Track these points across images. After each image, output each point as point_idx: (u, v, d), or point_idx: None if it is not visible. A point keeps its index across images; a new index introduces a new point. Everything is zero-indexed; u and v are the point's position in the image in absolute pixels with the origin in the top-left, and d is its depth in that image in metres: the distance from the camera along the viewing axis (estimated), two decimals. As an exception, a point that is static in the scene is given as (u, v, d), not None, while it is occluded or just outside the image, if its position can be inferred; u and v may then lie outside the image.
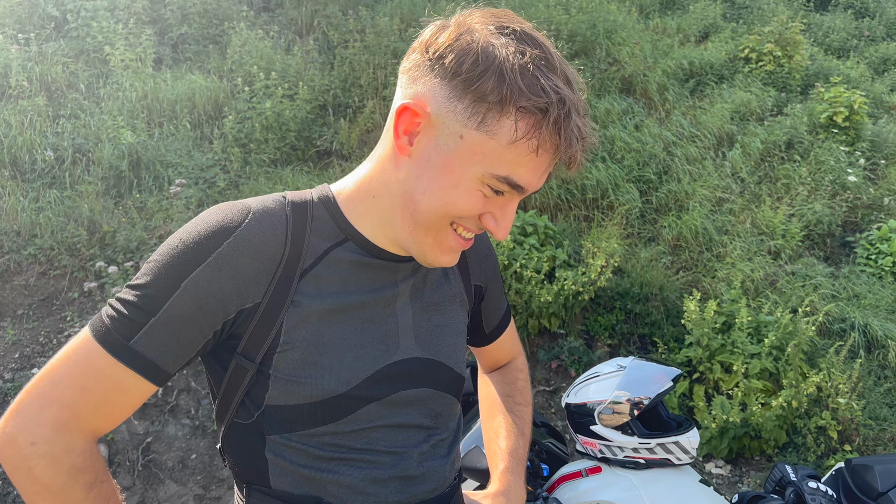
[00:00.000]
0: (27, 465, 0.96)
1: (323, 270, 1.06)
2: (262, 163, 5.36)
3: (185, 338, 1.00)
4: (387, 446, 1.10)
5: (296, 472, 1.07)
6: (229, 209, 1.04)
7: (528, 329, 4.48)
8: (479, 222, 1.03)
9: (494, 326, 1.41)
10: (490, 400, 1.46)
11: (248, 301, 1.02)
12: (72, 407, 0.98)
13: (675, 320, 4.62)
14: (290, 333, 1.03)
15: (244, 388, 1.06)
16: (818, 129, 6.17)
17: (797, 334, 4.17)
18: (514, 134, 0.94)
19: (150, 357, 0.99)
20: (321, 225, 1.08)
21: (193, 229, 1.02)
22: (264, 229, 1.03)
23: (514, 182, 0.98)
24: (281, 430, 1.06)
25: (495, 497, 1.28)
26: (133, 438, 3.77)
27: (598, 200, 5.36)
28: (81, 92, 5.79)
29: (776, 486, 2.21)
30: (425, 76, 0.99)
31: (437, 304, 1.18)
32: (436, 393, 1.16)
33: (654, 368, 2.09)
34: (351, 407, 1.06)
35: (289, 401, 1.04)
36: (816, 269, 5.06)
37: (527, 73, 0.93)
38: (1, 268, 4.37)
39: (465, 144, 0.96)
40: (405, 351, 1.12)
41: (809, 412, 4.08)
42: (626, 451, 2.02)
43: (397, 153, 1.03)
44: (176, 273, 0.99)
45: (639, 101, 6.39)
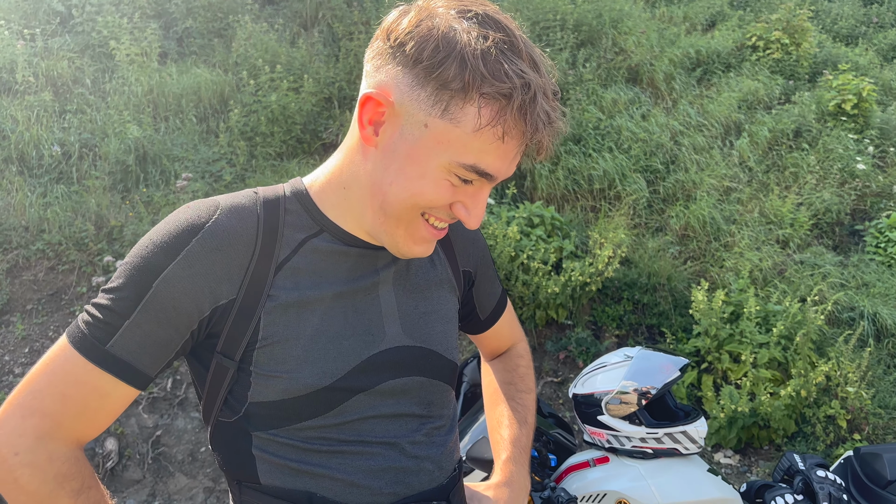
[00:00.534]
0: (13, 475, 0.96)
1: (299, 262, 1.04)
2: (268, 156, 5.36)
3: (162, 339, 0.99)
4: (378, 437, 1.08)
5: (284, 466, 1.05)
6: (197, 206, 1.03)
7: (536, 320, 4.48)
8: (450, 212, 1.02)
9: (489, 313, 1.38)
10: (492, 389, 1.44)
11: (221, 297, 1.00)
12: (53, 415, 0.98)
13: (683, 310, 4.61)
14: (269, 328, 1.01)
15: (227, 386, 1.04)
16: (826, 116, 6.13)
17: (806, 323, 4.15)
18: (478, 121, 0.92)
19: (128, 360, 0.98)
20: (295, 218, 1.06)
21: (163, 229, 1.01)
22: (234, 224, 1.01)
23: (482, 170, 0.96)
24: (266, 426, 1.04)
25: (498, 488, 1.27)
26: (143, 432, 3.79)
27: (605, 191, 5.34)
28: (87, 87, 5.80)
29: (784, 474, 2.21)
30: (388, 64, 0.97)
31: (423, 290, 1.16)
32: (427, 381, 1.13)
33: (661, 358, 2.08)
34: (337, 399, 1.04)
35: (271, 397, 1.02)
36: (825, 257, 5.04)
37: (489, 58, 0.91)
38: (10, 263, 4.39)
39: (430, 133, 0.95)
40: (392, 339, 1.10)
41: (818, 401, 4.06)
42: (633, 440, 2.01)
43: (364, 144, 1.01)
44: (147, 274, 0.98)
45: (645, 90, 6.36)
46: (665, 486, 1.97)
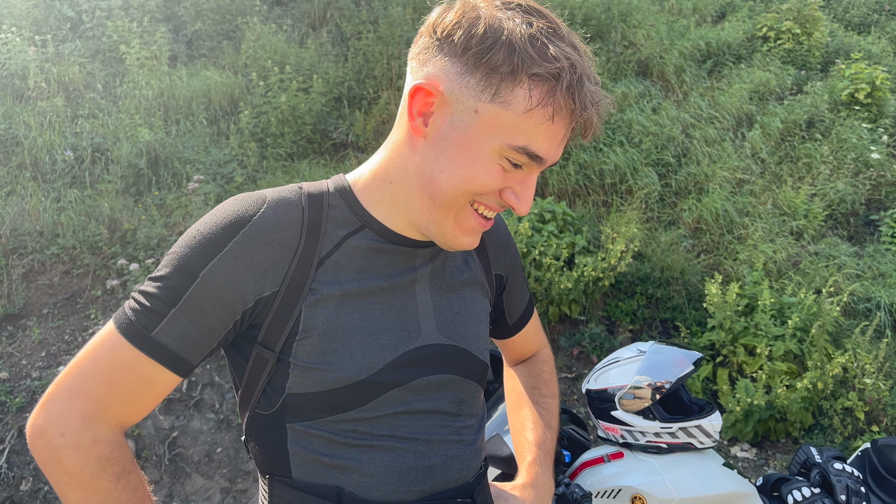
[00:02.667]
0: (57, 456, 0.98)
1: (340, 257, 1.06)
2: (279, 157, 5.38)
3: (206, 328, 1.01)
4: (409, 433, 1.09)
5: (317, 460, 1.07)
6: (245, 199, 1.05)
7: (549, 316, 4.47)
8: (500, 199, 1.03)
9: (518, 318, 1.40)
10: (516, 393, 1.45)
11: (265, 289, 1.02)
12: (99, 398, 1.00)
13: (697, 304, 4.59)
14: (309, 321, 1.03)
15: (265, 377, 1.06)
16: (839, 106, 6.08)
17: (821, 315, 4.12)
18: (528, 102, 0.95)
19: (173, 347, 1.00)
20: (338, 213, 1.08)
21: (211, 220, 1.03)
22: (280, 218, 1.03)
23: (533, 152, 0.97)
24: (302, 418, 1.06)
25: (524, 488, 1.27)
26: (159, 433, 3.82)
27: (617, 185, 5.32)
28: (98, 91, 5.84)
29: (801, 467, 2.20)
30: (435, 57, 0.99)
31: (457, 290, 1.18)
32: (458, 379, 1.15)
33: (674, 352, 2.07)
34: (372, 393, 1.06)
35: (309, 388, 1.04)
36: (840, 248, 5.00)
37: (536, 42, 0.94)
38: (25, 268, 4.43)
39: (481, 118, 0.97)
40: (427, 337, 1.11)
41: (835, 393, 4.03)
42: (647, 435, 2.01)
43: (413, 136, 1.03)
44: (194, 263, 1.00)
45: (655, 83, 6.33)
46: (680, 480, 1.96)
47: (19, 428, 3.73)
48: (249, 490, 3.69)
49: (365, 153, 5.51)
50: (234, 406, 3.91)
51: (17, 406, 3.78)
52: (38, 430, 1.00)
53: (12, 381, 3.93)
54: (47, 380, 3.89)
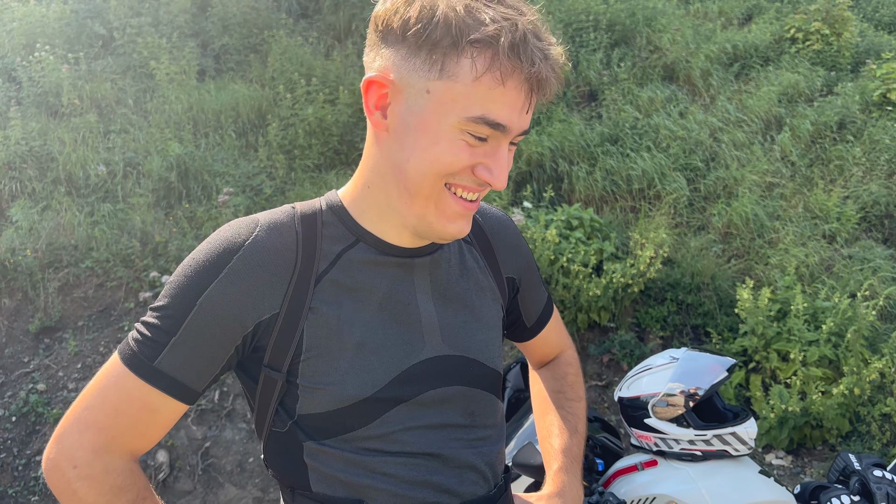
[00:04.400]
0: (71, 488, 1.00)
1: (338, 274, 1.06)
2: (307, 168, 5.42)
3: (207, 354, 1.02)
4: (420, 448, 1.08)
5: (334, 476, 1.07)
6: (237, 225, 1.05)
7: (578, 324, 4.44)
8: (474, 177, 1.01)
9: (536, 320, 1.37)
10: (541, 398, 1.43)
11: (264, 313, 1.02)
12: (107, 429, 1.01)
13: (729, 309, 4.53)
14: (311, 340, 1.03)
15: (276, 398, 1.07)
16: (871, 107, 5.98)
17: (857, 319, 4.05)
18: (474, 70, 0.93)
19: (175, 376, 1.01)
20: (332, 230, 1.08)
21: (205, 248, 1.04)
22: (273, 241, 1.04)
23: (492, 120, 0.95)
24: (315, 437, 1.06)
25: (550, 498, 1.25)
26: (192, 444, 3.86)
27: (645, 190, 5.28)
28: (130, 107, 5.95)
29: (840, 475, 2.15)
30: (380, 49, 1.00)
31: (463, 298, 1.16)
32: (469, 390, 1.13)
33: (707, 359, 2.04)
34: (379, 410, 1.05)
35: (318, 409, 1.04)
36: (875, 251, 4.91)
37: (471, 10, 0.93)
38: (61, 281, 4.51)
39: (434, 97, 0.96)
40: (431, 349, 1.10)
41: (873, 399, 3.95)
42: (681, 443, 1.98)
43: (377, 132, 1.03)
44: (191, 292, 1.01)
45: (682, 87, 6.28)
46: (716, 488, 1.93)
47: (56, 439, 3.80)
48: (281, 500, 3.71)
49: (391, 163, 5.53)
50: (266, 416, 3.94)
51: (55, 417, 3.84)
52: (52, 464, 1.02)
53: (49, 392, 4.01)
54: (83, 391, 3.95)
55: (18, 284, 4.50)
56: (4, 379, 4.11)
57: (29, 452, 3.77)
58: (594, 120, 5.97)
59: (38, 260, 4.53)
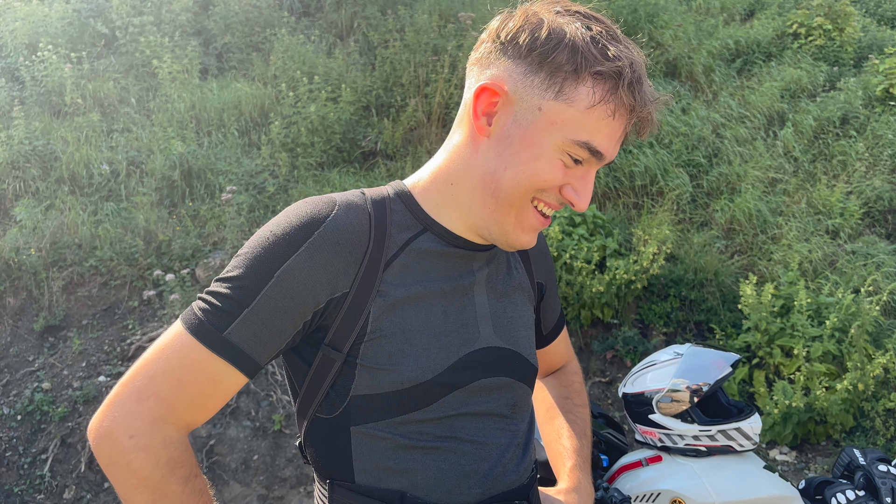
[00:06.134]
0: (125, 458, 0.98)
1: (405, 260, 1.09)
2: (310, 166, 5.43)
3: (277, 328, 1.02)
4: (469, 435, 1.11)
5: (380, 464, 1.08)
6: (317, 202, 1.07)
7: (581, 320, 4.44)
8: (560, 195, 1.06)
9: (551, 328, 1.42)
10: (548, 404, 1.46)
11: (337, 290, 1.04)
12: (168, 400, 1.00)
13: (732, 305, 4.53)
14: (377, 322, 1.05)
15: (330, 380, 1.07)
16: (874, 102, 5.97)
17: (860, 315, 4.05)
18: (591, 98, 0.99)
19: (243, 348, 1.01)
20: (399, 218, 1.11)
21: (284, 221, 1.05)
22: (351, 221, 1.06)
23: (594, 147, 1.01)
24: (367, 419, 1.07)
25: (567, 493, 1.29)
26: (196, 441, 3.87)
27: (648, 187, 5.28)
28: (132, 106, 5.95)
29: (844, 470, 2.16)
30: (499, 59, 1.04)
31: (510, 295, 1.20)
32: (514, 382, 1.17)
33: (712, 354, 2.05)
34: (437, 394, 1.07)
35: (375, 389, 1.05)
36: (878, 246, 4.90)
37: (597, 43, 1.00)
38: (65, 280, 4.52)
39: (545, 115, 1.01)
40: (485, 340, 1.13)
41: (877, 394, 3.95)
42: (686, 439, 1.99)
43: (476, 136, 1.07)
44: (269, 264, 1.01)
45: (684, 84, 6.27)
46: (721, 483, 1.94)
47: (62, 437, 3.81)
48: (286, 497, 3.72)
49: (394, 161, 5.54)
50: (270, 414, 3.95)
51: (60, 416, 3.85)
52: (105, 432, 0.99)
53: (54, 391, 4.02)
54: (88, 390, 3.96)
55: (23, 283, 4.51)
56: (9, 378, 4.12)
57: (34, 451, 3.78)
58: (596, 116, 5.96)
59: (43, 259, 4.55)
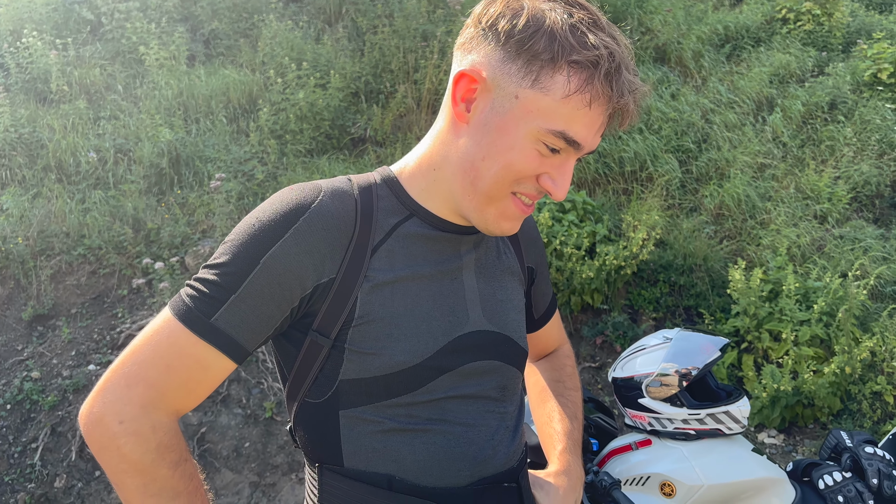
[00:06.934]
0: (115, 443, 0.99)
1: (392, 245, 1.09)
2: (299, 153, 5.40)
3: (265, 314, 1.03)
4: (458, 417, 1.11)
5: (369, 447, 1.08)
6: (303, 188, 1.08)
7: (571, 306, 4.46)
8: (537, 185, 1.06)
9: (543, 312, 1.43)
10: (540, 387, 1.47)
11: (324, 276, 1.04)
12: (157, 386, 1.01)
13: (721, 290, 4.56)
14: (365, 307, 1.05)
15: (319, 364, 1.08)
16: (862, 87, 5.99)
17: (848, 299, 4.08)
18: (567, 88, 0.98)
19: (231, 334, 1.02)
20: (386, 203, 1.12)
21: (269, 208, 1.05)
22: (337, 206, 1.07)
23: (570, 137, 1.00)
24: (355, 403, 1.08)
25: (557, 475, 1.30)
26: (187, 429, 3.86)
27: (637, 173, 5.29)
28: (119, 93, 5.90)
29: (832, 452, 2.18)
30: (479, 45, 1.03)
31: (499, 278, 1.21)
32: (502, 365, 1.18)
33: (701, 339, 2.05)
34: (426, 377, 1.08)
35: (364, 374, 1.06)
36: (866, 231, 4.93)
37: (576, 31, 0.98)
38: (53, 269, 4.50)
39: (521, 103, 1.00)
40: (475, 323, 1.14)
41: (864, 378, 3.99)
42: (675, 422, 2.00)
43: (456, 122, 1.07)
44: (255, 250, 1.02)
45: (674, 69, 6.28)
46: (709, 466, 1.95)
47: (52, 426, 3.80)
48: (278, 484, 3.73)
49: (383, 147, 5.52)
50: (261, 401, 3.95)
51: (49, 405, 3.84)
52: (95, 418, 1.00)
53: (44, 380, 4.00)
54: (77, 379, 3.95)
55: (10, 272, 4.48)
56: (-2, 367, 4.10)
57: (24, 440, 3.77)
58: (586, 102, 5.95)
59: (30, 248, 4.51)
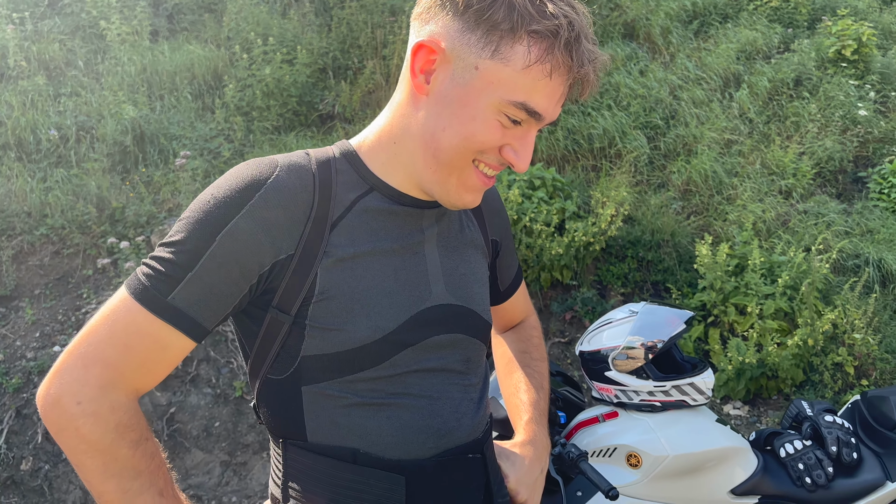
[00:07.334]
0: (74, 424, 0.98)
1: (352, 220, 1.08)
2: (266, 130, 5.33)
3: (222, 292, 1.02)
4: (422, 391, 1.11)
5: (332, 422, 1.08)
6: (258, 164, 1.06)
7: (541, 282, 4.48)
8: (500, 156, 1.05)
9: (508, 284, 1.43)
10: (506, 358, 1.48)
11: (281, 252, 1.03)
12: (115, 365, 1.00)
13: (688, 265, 4.62)
14: (325, 283, 1.05)
15: (280, 341, 1.07)
16: (827, 63, 6.07)
17: (811, 273, 4.16)
18: (527, 58, 0.97)
19: (189, 312, 1.01)
20: (345, 177, 1.10)
21: (224, 184, 1.04)
22: (293, 181, 1.05)
23: (531, 108, 1.00)
24: (317, 379, 1.07)
25: (523, 446, 1.31)
26: (157, 409, 3.84)
27: (606, 149, 5.31)
28: (80, 69, 5.76)
29: (793, 421, 2.23)
30: (437, 16, 1.02)
31: (462, 251, 1.21)
32: (466, 339, 1.18)
33: (666, 312, 2.08)
34: (388, 352, 1.08)
35: (326, 350, 1.05)
36: (829, 206, 5.02)
37: (535, 0, 0.97)
38: (14, 249, 4.40)
39: (481, 74, 0.99)
40: (438, 297, 1.14)
41: (826, 349, 4.08)
42: (641, 394, 2.03)
43: (415, 94, 1.05)
44: (210, 227, 1.01)
45: (642, 45, 6.29)
46: (674, 437, 1.99)
47: (17, 409, 3.74)
48: (249, 462, 3.73)
49: (352, 124, 5.47)
50: (231, 380, 3.93)
51: (14, 387, 3.78)
52: (52, 400, 0.99)
53: (7, 362, 3.94)
54: (42, 360, 3.89)
55: (-30, 253, 4.38)
56: (-40, 350, 4.02)
57: (-11, 423, 3.71)
58: (555, 79, 5.95)
59: (-10, 228, 4.42)
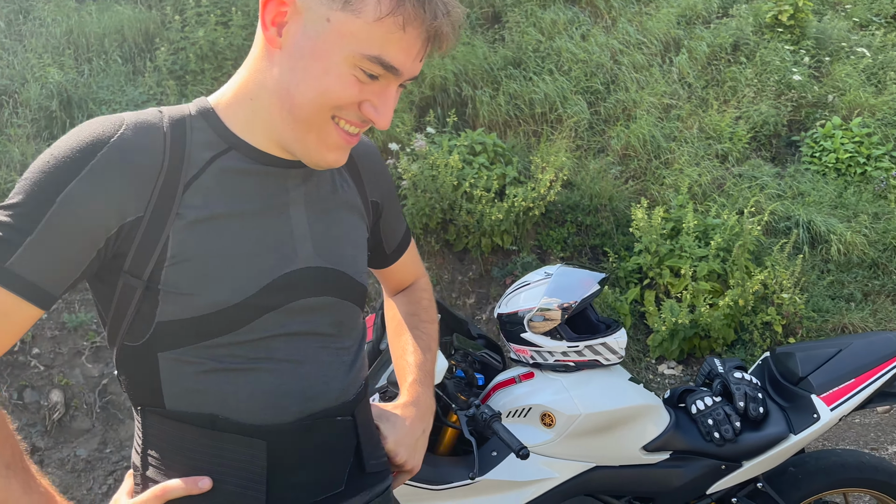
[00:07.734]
0: None
1: (208, 180, 1.04)
2: (200, 94, 5.19)
3: (66, 256, 0.97)
4: (286, 355, 1.08)
5: (191, 388, 1.05)
6: (103, 122, 1.01)
7: (482, 248, 4.49)
8: (360, 112, 1.02)
9: (395, 246, 1.40)
10: (396, 321, 1.46)
11: (128, 214, 0.99)
12: None
13: (626, 229, 4.66)
14: (178, 246, 1.01)
15: (134, 307, 1.03)
16: (764, 29, 6.13)
17: (743, 235, 4.24)
18: (378, 10, 0.94)
19: (30, 278, 0.96)
20: (202, 136, 1.05)
21: (65, 143, 0.98)
22: (140, 140, 1.00)
23: (386, 62, 0.97)
24: (174, 345, 1.03)
25: (405, 407, 1.30)
26: (89, 381, 3.76)
27: (547, 114, 5.31)
28: (1, 30, 5.52)
29: (706, 379, 2.28)
30: None
31: (333, 213, 1.17)
32: (337, 301, 1.15)
33: (580, 274, 2.10)
34: (247, 317, 1.04)
35: (181, 315, 1.02)
36: (763, 169, 5.11)
37: None
38: (-66, 219, 4.24)
39: (333, 27, 0.96)
40: (304, 260, 1.10)
41: (756, 309, 4.18)
42: (555, 355, 2.05)
43: (269, 48, 1.01)
44: (50, 189, 0.95)
45: (584, 9, 6.27)
46: (587, 396, 2.01)
47: (-62, 383, 3.64)
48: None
49: (290, 89, 5.36)
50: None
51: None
52: None
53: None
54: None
55: None
56: None
57: None
58: (497, 43, 5.91)
59: None
